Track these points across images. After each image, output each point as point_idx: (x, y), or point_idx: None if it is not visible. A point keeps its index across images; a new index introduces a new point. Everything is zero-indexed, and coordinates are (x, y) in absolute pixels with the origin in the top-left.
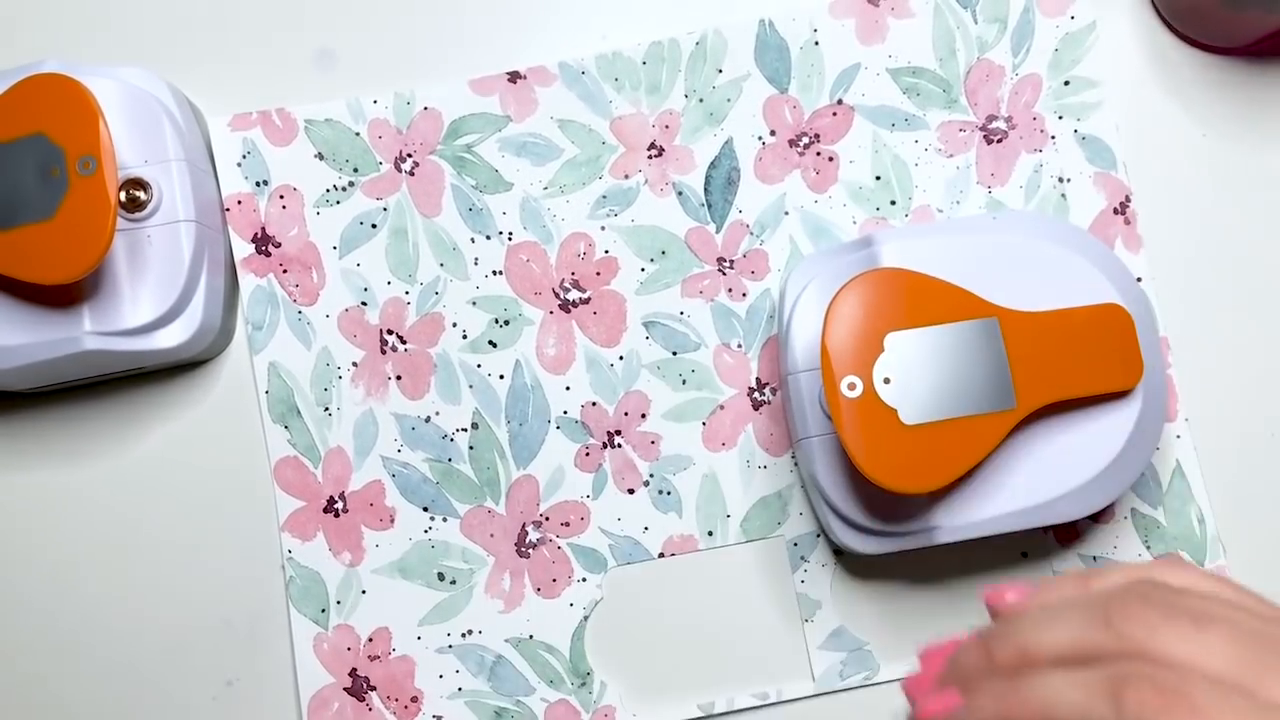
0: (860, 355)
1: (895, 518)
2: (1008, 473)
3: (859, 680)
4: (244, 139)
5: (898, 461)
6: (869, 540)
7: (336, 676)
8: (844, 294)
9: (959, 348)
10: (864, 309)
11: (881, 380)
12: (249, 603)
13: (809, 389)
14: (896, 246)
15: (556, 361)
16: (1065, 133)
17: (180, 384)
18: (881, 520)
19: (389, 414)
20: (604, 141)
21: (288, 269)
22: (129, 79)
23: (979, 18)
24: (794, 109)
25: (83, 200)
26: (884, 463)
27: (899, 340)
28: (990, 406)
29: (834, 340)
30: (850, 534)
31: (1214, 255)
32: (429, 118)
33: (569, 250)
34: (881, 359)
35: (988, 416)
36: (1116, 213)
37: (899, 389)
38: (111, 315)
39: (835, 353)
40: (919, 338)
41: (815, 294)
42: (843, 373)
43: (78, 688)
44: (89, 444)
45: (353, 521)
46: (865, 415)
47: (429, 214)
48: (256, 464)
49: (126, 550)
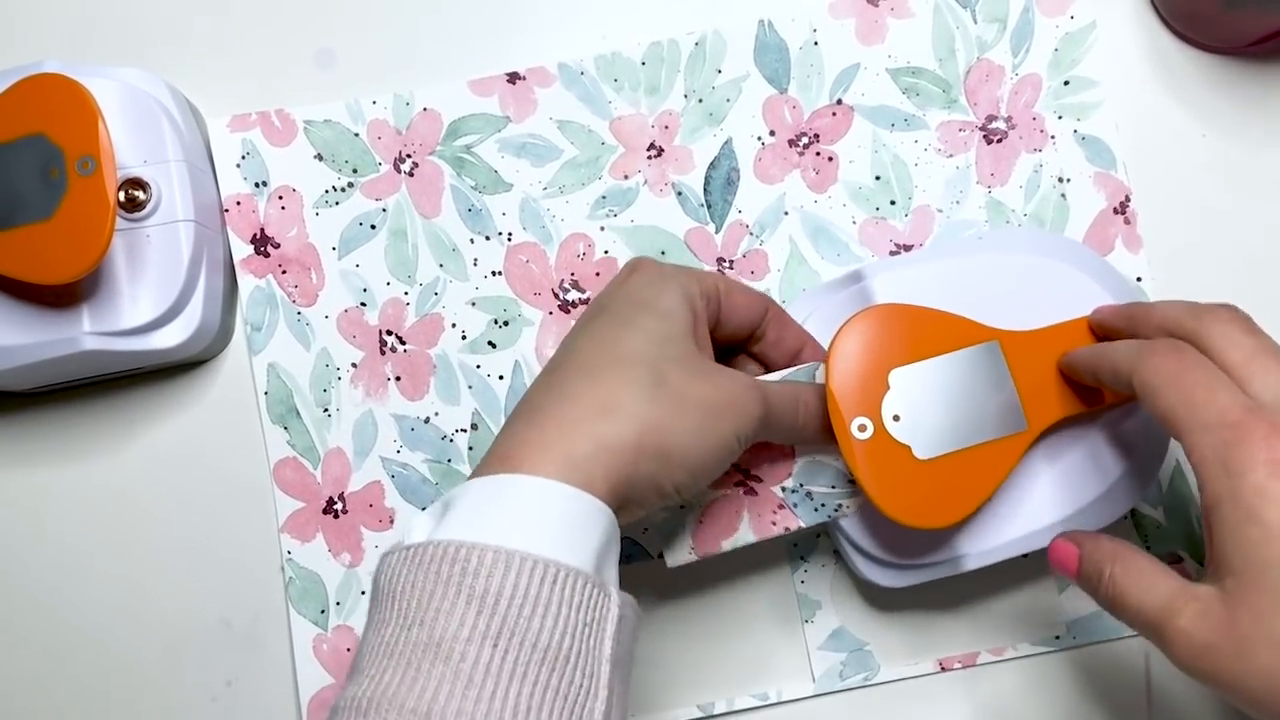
0: (867, 395)
1: (920, 550)
2: (1026, 492)
3: (859, 681)
4: (243, 140)
5: (918, 498)
6: (896, 575)
7: (336, 677)
8: (842, 336)
9: (964, 376)
10: (864, 348)
11: (891, 418)
12: (248, 603)
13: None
14: (887, 279)
15: None
16: (1065, 132)
17: (179, 384)
18: (907, 554)
19: (388, 415)
20: (603, 142)
21: (287, 270)
22: (128, 79)
23: (978, 18)
24: (793, 109)
25: (82, 200)
26: (904, 501)
27: (903, 376)
28: (1002, 431)
29: (839, 383)
30: (876, 570)
31: (1214, 255)
32: (428, 118)
33: (568, 251)
34: (888, 397)
35: (1001, 441)
36: (1116, 213)
37: (909, 425)
38: (110, 315)
39: (841, 396)
40: (923, 371)
41: (811, 333)
42: (851, 415)
43: (78, 688)
44: (88, 444)
45: (352, 522)
46: (879, 455)
47: (428, 215)
48: (256, 465)
49: (126, 551)
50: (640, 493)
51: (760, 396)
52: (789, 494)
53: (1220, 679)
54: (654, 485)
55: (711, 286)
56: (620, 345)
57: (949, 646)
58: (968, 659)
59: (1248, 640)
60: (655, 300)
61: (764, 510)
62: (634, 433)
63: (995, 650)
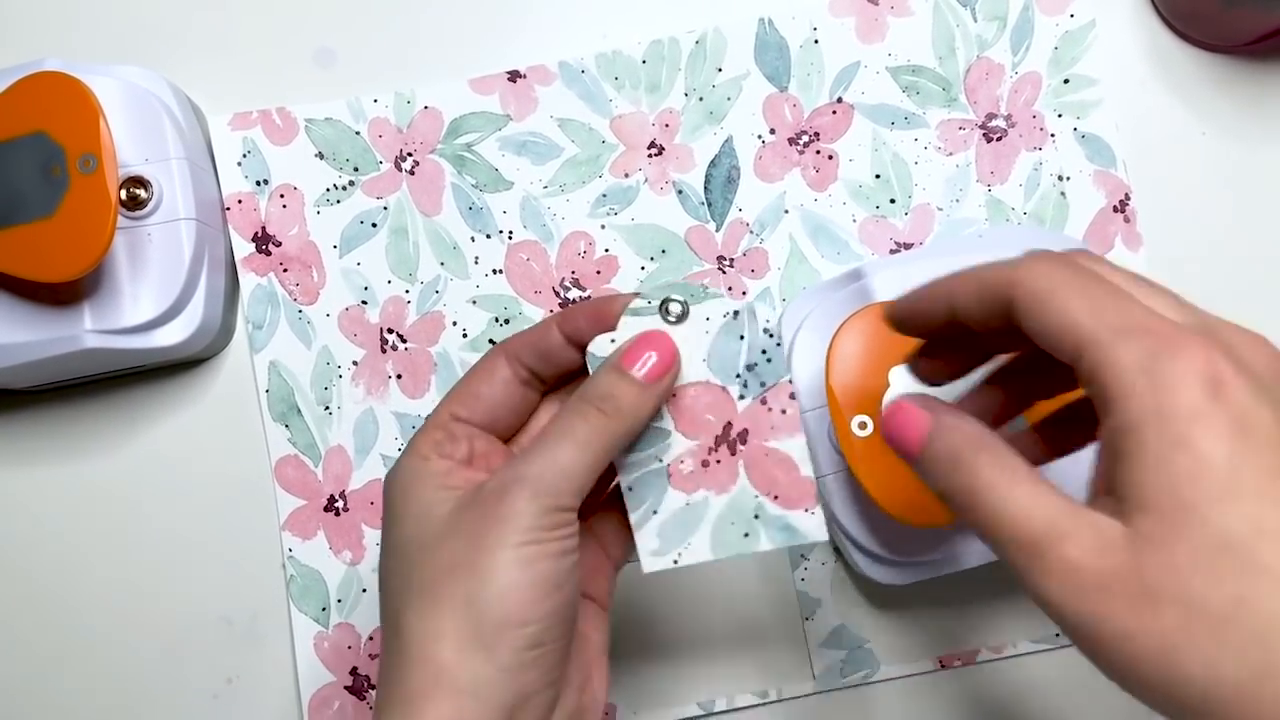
0: (866, 393)
1: (920, 548)
2: None
3: (859, 679)
4: (244, 138)
5: (919, 495)
6: (896, 572)
7: (337, 675)
8: (842, 334)
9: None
10: (864, 346)
11: None
12: (249, 601)
13: (816, 428)
14: (887, 277)
15: None
16: (1065, 131)
17: (180, 383)
18: (907, 552)
19: (389, 413)
20: (604, 140)
21: (288, 268)
22: (129, 77)
23: (978, 16)
24: (794, 107)
25: (83, 198)
26: (906, 499)
27: (903, 373)
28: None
29: (839, 382)
30: (877, 568)
31: (1214, 253)
32: (429, 117)
33: (569, 249)
34: (888, 394)
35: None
36: (1116, 211)
37: None
38: (112, 313)
39: (842, 394)
40: None
41: (811, 332)
42: (851, 413)
43: (78, 686)
44: (89, 442)
45: (353, 520)
46: (880, 453)
47: (429, 213)
48: (257, 463)
49: (127, 548)
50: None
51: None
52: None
53: (1101, 634)
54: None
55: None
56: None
57: (949, 644)
58: (968, 657)
59: (1152, 595)
60: (401, 513)
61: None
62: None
63: (995, 648)
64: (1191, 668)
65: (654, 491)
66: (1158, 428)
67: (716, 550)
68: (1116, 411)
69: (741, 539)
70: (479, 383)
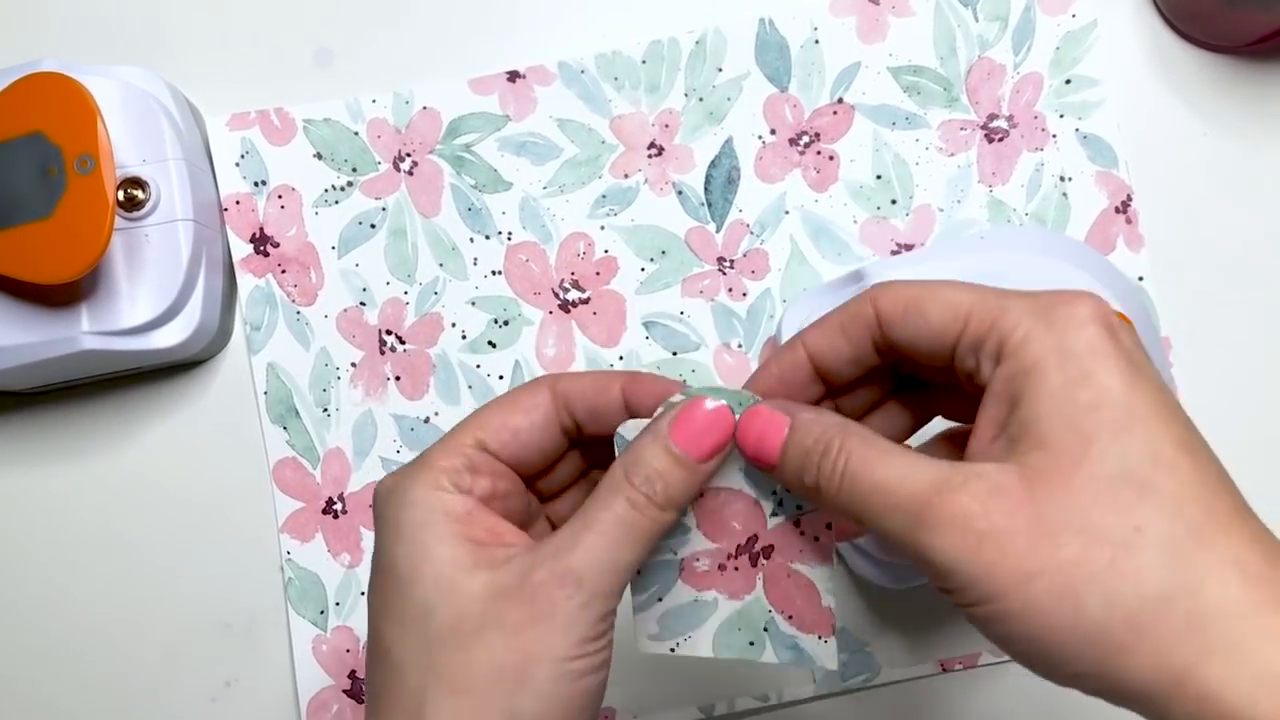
0: None
1: None
2: None
3: (860, 682)
4: (242, 138)
5: None
6: (897, 575)
7: (336, 678)
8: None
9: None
10: None
11: None
12: (247, 604)
13: None
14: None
15: (556, 362)
16: (1066, 131)
17: (178, 384)
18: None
19: (388, 415)
20: (603, 141)
21: (286, 269)
22: (127, 78)
23: (980, 16)
24: (794, 108)
25: (81, 199)
26: None
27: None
28: None
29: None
30: (877, 570)
31: (1216, 254)
32: (428, 117)
33: (568, 250)
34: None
35: None
36: (1118, 212)
37: None
38: (109, 315)
39: None
40: None
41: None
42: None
43: (76, 689)
44: (86, 444)
45: (351, 523)
46: None
47: (428, 214)
48: (255, 465)
49: (125, 551)
50: None
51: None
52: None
53: (997, 583)
54: None
55: (488, 431)
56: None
57: (950, 647)
58: (969, 660)
59: (1050, 530)
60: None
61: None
62: None
63: (997, 651)
64: (1092, 606)
65: (662, 580)
66: (1059, 364)
67: (718, 650)
68: (1015, 356)
69: (746, 646)
70: (518, 415)
